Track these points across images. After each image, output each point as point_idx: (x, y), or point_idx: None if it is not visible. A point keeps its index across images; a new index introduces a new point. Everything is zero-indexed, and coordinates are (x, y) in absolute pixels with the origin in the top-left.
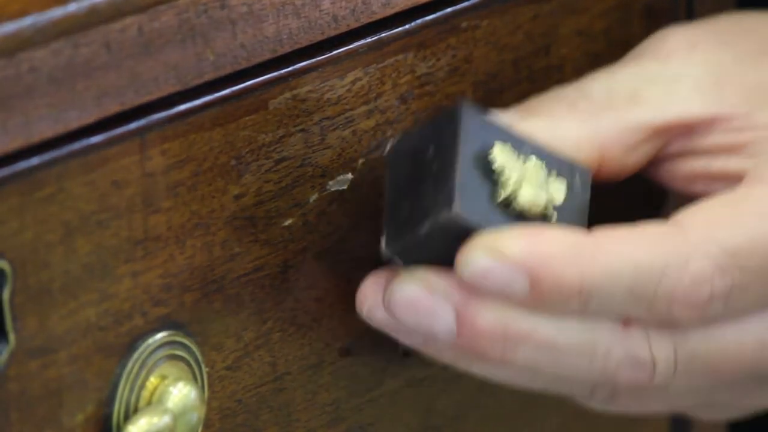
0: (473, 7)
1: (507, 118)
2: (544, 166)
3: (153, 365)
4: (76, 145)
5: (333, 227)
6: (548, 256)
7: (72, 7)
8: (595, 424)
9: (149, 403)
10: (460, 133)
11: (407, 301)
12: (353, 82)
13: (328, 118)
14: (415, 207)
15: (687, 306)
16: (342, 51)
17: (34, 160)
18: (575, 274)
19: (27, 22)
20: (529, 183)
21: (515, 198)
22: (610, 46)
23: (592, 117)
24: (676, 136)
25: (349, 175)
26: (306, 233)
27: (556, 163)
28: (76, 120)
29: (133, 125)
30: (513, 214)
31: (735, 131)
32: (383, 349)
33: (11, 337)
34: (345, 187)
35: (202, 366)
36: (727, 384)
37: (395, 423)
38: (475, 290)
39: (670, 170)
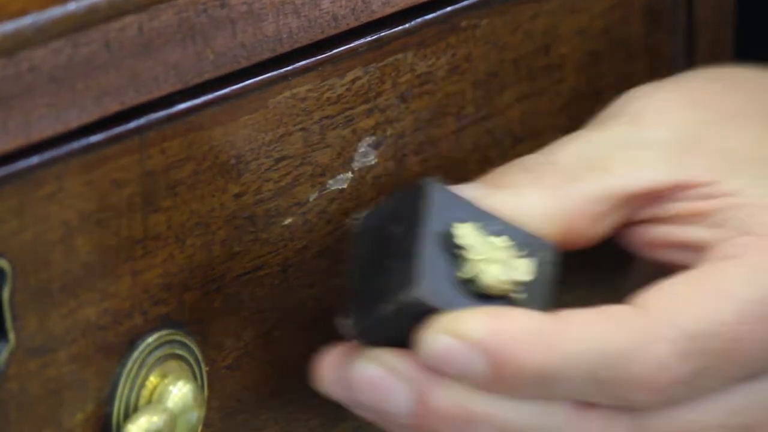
0: (473, 6)
1: (472, 191)
2: (510, 244)
3: (153, 364)
4: (76, 145)
5: (333, 226)
6: (510, 340)
7: (72, 7)
8: None
9: (149, 402)
10: (425, 212)
11: (366, 381)
12: (353, 81)
13: (327, 117)
14: (379, 287)
15: (648, 391)
16: (342, 50)
17: (34, 160)
18: (537, 360)
19: (27, 21)
20: (494, 262)
21: (479, 277)
22: (610, 46)
23: (559, 189)
24: (642, 204)
25: (349, 174)
26: (306, 232)
27: (522, 240)
28: (76, 119)
29: (133, 124)
30: (477, 294)
31: (700, 199)
32: None
33: (11, 336)
34: (345, 186)
35: (202, 365)
36: None
37: None
38: (434, 372)
39: (634, 236)
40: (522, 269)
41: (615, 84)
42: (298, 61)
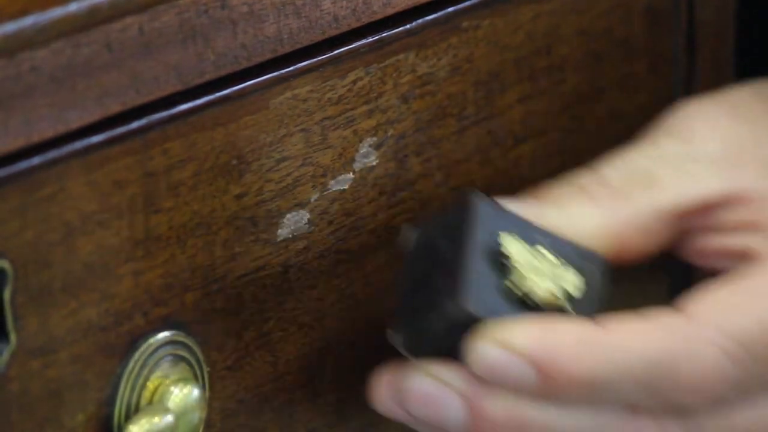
0: (474, 7)
1: (519, 205)
2: (558, 257)
3: (154, 365)
4: (77, 145)
5: (334, 227)
6: (557, 350)
7: (73, 7)
8: None
9: (150, 403)
10: (472, 225)
11: (419, 395)
12: (354, 82)
13: (329, 117)
14: (426, 300)
15: (699, 396)
16: (343, 50)
17: (35, 160)
18: (585, 369)
19: (28, 21)
20: (542, 274)
21: (527, 290)
22: (611, 46)
23: (609, 206)
24: (696, 216)
25: (350, 175)
26: (307, 233)
27: (571, 254)
28: (77, 120)
29: (134, 125)
30: (524, 306)
31: (752, 209)
32: (385, 348)
33: (12, 336)
34: (346, 186)
35: (203, 366)
36: None
37: (397, 424)
38: (485, 381)
39: (686, 245)
40: (572, 282)
41: (616, 84)
42: (299, 62)
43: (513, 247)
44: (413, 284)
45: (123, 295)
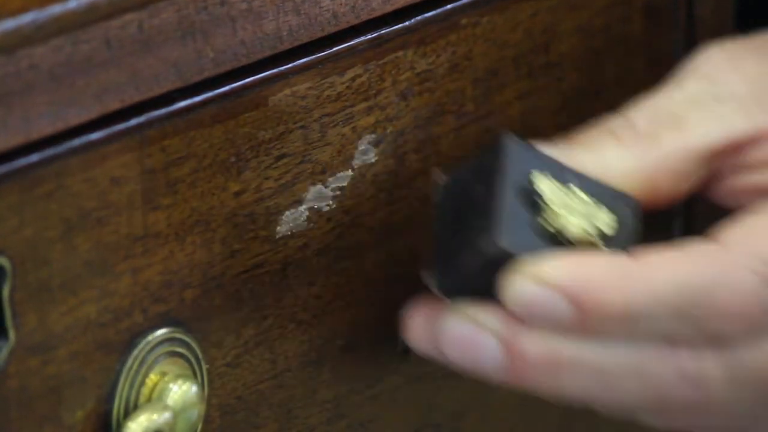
0: (473, 4)
1: (551, 149)
2: (590, 196)
3: (153, 362)
4: (76, 142)
5: (333, 224)
6: (591, 281)
7: (72, 4)
8: (595, 423)
9: (149, 399)
10: (503, 166)
11: (455, 338)
12: (353, 79)
13: (327, 114)
14: (460, 240)
15: (736, 323)
16: (342, 48)
17: (34, 157)
18: (620, 299)
19: (27, 18)
20: (575, 213)
21: (561, 228)
22: (610, 43)
23: (639, 148)
24: (724, 157)
25: (349, 172)
26: (306, 230)
27: (603, 194)
28: (75, 117)
29: (133, 122)
30: (558, 244)
31: None
32: (383, 345)
33: (11, 334)
34: (345, 183)
35: (202, 363)
36: None
37: (395, 420)
38: (521, 321)
39: (718, 188)
40: (605, 220)
41: (615, 82)
42: (298, 59)
43: (545, 185)
44: (446, 227)
45: (122, 292)
